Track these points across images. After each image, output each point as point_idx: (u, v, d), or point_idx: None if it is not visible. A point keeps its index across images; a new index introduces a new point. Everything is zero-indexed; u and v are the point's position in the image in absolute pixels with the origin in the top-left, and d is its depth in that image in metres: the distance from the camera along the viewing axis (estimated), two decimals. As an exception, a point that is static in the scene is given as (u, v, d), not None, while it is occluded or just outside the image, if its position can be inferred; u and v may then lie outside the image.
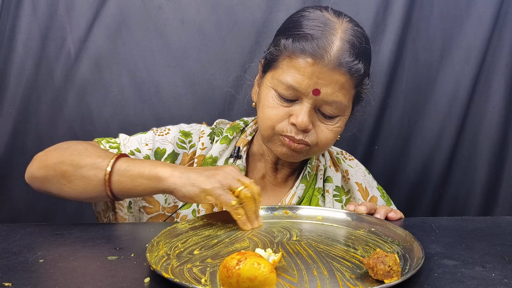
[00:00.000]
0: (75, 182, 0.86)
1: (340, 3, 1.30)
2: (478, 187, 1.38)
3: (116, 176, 0.84)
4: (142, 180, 0.83)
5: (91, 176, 0.85)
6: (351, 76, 0.91)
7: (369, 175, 1.13)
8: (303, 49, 0.89)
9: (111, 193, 0.85)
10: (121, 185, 0.84)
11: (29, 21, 1.24)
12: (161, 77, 1.32)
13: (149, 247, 0.68)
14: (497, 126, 1.34)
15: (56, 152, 0.91)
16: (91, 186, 0.86)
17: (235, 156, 1.04)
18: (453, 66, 1.33)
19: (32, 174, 0.92)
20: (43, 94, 1.27)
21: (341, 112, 0.94)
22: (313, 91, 0.89)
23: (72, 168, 0.86)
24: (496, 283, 0.60)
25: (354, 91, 0.95)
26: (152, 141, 1.02)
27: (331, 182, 1.07)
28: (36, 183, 0.92)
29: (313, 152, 0.98)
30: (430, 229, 0.83)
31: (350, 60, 0.89)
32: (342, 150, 1.17)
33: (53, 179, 0.88)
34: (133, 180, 0.83)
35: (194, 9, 1.31)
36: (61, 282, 0.61)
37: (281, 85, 0.92)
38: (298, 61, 0.90)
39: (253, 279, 0.55)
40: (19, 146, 1.28)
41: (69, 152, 0.89)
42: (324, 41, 0.88)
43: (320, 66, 0.88)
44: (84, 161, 0.86)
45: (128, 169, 0.84)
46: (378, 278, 0.60)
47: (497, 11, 1.30)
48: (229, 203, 0.79)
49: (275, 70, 0.94)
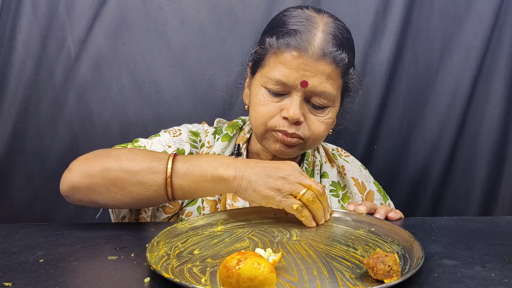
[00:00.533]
0: (130, 189, 0.83)
1: (340, 3, 1.31)
2: (478, 187, 1.37)
3: (177, 180, 0.83)
4: (206, 183, 0.82)
5: (149, 181, 0.82)
6: (336, 65, 0.93)
7: (365, 170, 1.14)
8: (288, 44, 0.92)
9: (172, 196, 0.84)
10: (183, 189, 0.83)
11: (29, 21, 1.24)
12: (161, 77, 1.32)
13: (149, 247, 0.69)
14: (497, 126, 1.34)
15: (98, 159, 0.86)
16: (150, 191, 0.83)
17: (236, 154, 1.05)
18: (453, 66, 1.33)
19: (73, 185, 0.85)
20: (43, 94, 1.27)
21: (330, 103, 0.96)
22: (301, 83, 0.91)
23: (125, 174, 0.83)
24: (496, 283, 0.60)
25: (342, 81, 0.97)
26: (173, 142, 1.02)
27: (327, 177, 1.09)
28: (78, 194, 0.86)
29: (307, 146, 0.98)
30: (430, 229, 0.83)
31: (333, 50, 0.92)
32: (337, 147, 1.18)
33: (101, 188, 0.84)
34: (197, 184, 0.82)
35: (194, 9, 1.31)
36: (61, 282, 0.61)
37: (270, 81, 0.94)
38: (284, 56, 0.92)
39: (253, 279, 0.55)
40: (19, 146, 1.28)
41: (114, 158, 0.85)
42: (307, 34, 0.92)
43: (305, 58, 0.91)
44: (137, 166, 0.83)
45: (189, 172, 0.82)
46: (378, 278, 0.60)
47: (497, 11, 1.30)
48: (291, 208, 0.80)
49: (263, 68, 0.97)
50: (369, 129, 1.36)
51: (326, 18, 0.95)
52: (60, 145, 1.30)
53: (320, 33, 0.92)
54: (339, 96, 0.99)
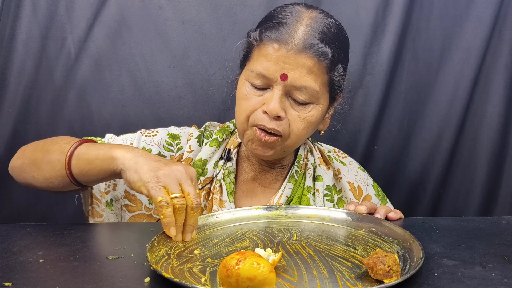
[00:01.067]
0: (43, 168, 0.88)
1: (340, 3, 1.31)
2: (478, 187, 1.37)
3: (75, 160, 0.85)
4: (98, 161, 0.82)
5: (55, 160, 0.86)
6: (318, 60, 0.90)
7: (364, 173, 1.11)
8: (269, 37, 0.91)
9: (72, 177, 0.86)
10: (79, 168, 0.84)
11: (29, 21, 1.24)
12: (161, 77, 1.32)
13: (149, 247, 0.69)
14: (497, 126, 1.34)
15: (36, 143, 0.94)
16: (55, 171, 0.87)
17: (226, 159, 1.04)
18: (453, 66, 1.33)
19: (12, 164, 0.96)
20: (43, 94, 1.27)
21: (313, 99, 0.93)
22: (281, 76, 0.90)
23: (41, 154, 0.89)
24: (496, 283, 0.60)
25: (327, 78, 0.94)
26: (138, 140, 1.02)
27: (321, 181, 1.06)
28: (15, 173, 0.96)
29: (287, 145, 0.95)
30: (430, 229, 0.83)
31: (314, 43, 0.90)
32: (334, 148, 1.15)
33: (27, 167, 0.91)
34: (90, 163, 0.83)
35: (194, 9, 1.31)
36: (61, 282, 0.61)
37: (252, 74, 0.93)
38: (265, 49, 0.92)
39: (252, 278, 0.55)
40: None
41: (43, 141, 0.92)
42: (290, 27, 0.91)
43: (285, 50, 0.90)
44: (52, 147, 0.88)
45: (87, 152, 0.84)
46: (377, 278, 0.60)
47: (497, 11, 1.30)
48: (156, 198, 0.73)
49: (248, 62, 0.96)
50: (369, 129, 1.36)
51: (314, 13, 0.94)
52: (60, 145, 1.30)
53: (303, 26, 0.91)
54: (325, 94, 0.95)
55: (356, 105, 1.34)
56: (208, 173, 1.03)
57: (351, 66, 1.32)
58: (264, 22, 0.96)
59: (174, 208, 0.74)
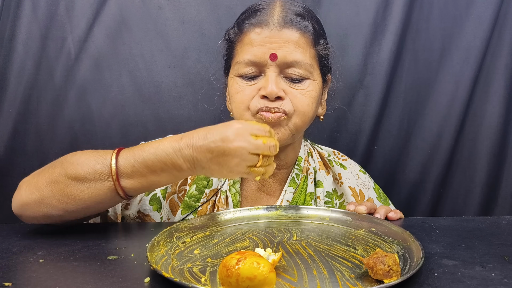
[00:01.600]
0: (80, 196, 0.78)
1: (340, 3, 1.31)
2: (478, 187, 1.37)
3: (125, 180, 0.77)
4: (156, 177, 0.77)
5: (97, 185, 0.77)
6: (302, 33, 0.92)
7: (365, 175, 1.11)
8: (249, 24, 0.93)
9: (125, 195, 0.79)
10: (135, 187, 0.78)
11: (29, 21, 1.24)
12: (161, 77, 1.32)
13: (149, 247, 0.69)
14: (497, 126, 1.34)
15: (45, 171, 0.82)
16: (101, 196, 0.78)
17: None
18: (453, 66, 1.33)
19: (23, 202, 0.81)
20: (43, 94, 1.27)
21: (307, 73, 0.93)
22: (270, 56, 0.90)
23: (71, 182, 0.78)
24: (496, 283, 0.60)
25: (314, 52, 0.95)
26: None
27: (322, 187, 1.05)
28: (30, 210, 0.81)
29: (295, 124, 0.93)
30: (430, 229, 0.83)
31: (293, 17, 0.92)
32: (334, 150, 1.15)
33: (52, 200, 0.79)
34: (147, 179, 0.77)
35: (194, 9, 1.31)
36: (61, 282, 0.61)
37: (241, 65, 0.93)
38: (248, 37, 0.93)
39: (252, 278, 0.55)
40: (19, 146, 1.28)
41: (59, 167, 0.80)
42: (265, 11, 0.93)
43: (268, 30, 0.91)
44: (81, 171, 0.78)
45: (136, 169, 0.77)
46: (377, 278, 0.60)
47: (497, 11, 1.29)
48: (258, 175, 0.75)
49: (233, 59, 0.96)
50: (369, 129, 1.35)
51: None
52: (60, 145, 1.30)
53: (278, 7, 0.93)
54: (317, 69, 0.96)
55: (356, 105, 1.34)
56: (213, 185, 1.01)
57: (351, 66, 1.33)
58: (240, 16, 0.98)
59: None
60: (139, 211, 0.99)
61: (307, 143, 1.11)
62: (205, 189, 1.01)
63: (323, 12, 1.30)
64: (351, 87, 1.33)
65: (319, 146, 1.14)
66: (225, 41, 1.01)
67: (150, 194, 1.01)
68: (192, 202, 1.00)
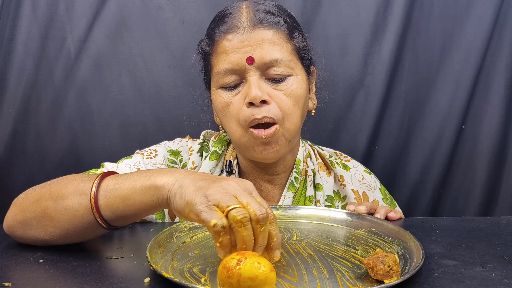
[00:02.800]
0: (58, 218, 0.71)
1: (341, 3, 1.31)
2: (478, 187, 1.37)
3: (103, 199, 0.69)
4: (135, 196, 0.68)
5: (75, 205, 0.70)
6: (275, 30, 0.90)
7: (370, 175, 1.08)
8: (219, 32, 0.91)
9: (103, 220, 0.70)
10: (112, 208, 0.69)
11: (29, 21, 1.24)
12: (161, 77, 1.32)
13: (149, 247, 0.68)
14: (497, 126, 1.34)
15: (34, 190, 0.77)
16: (77, 218, 0.70)
17: (227, 172, 1.00)
18: (453, 66, 1.33)
19: (9, 223, 0.76)
20: (43, 94, 1.27)
21: (289, 69, 0.90)
22: (247, 60, 0.87)
23: (52, 202, 0.71)
24: (496, 283, 0.60)
25: (291, 46, 0.92)
26: (143, 164, 0.95)
27: (322, 190, 1.02)
28: (17, 231, 0.75)
29: (288, 130, 0.90)
30: (430, 229, 0.83)
31: (262, 16, 0.89)
32: (336, 151, 1.13)
33: (34, 222, 0.73)
34: (125, 199, 0.68)
35: (194, 9, 1.30)
36: (61, 282, 0.61)
37: (220, 76, 0.90)
38: (221, 45, 0.91)
39: (254, 278, 0.55)
40: (19, 146, 1.28)
41: (48, 187, 0.74)
42: (233, 15, 0.91)
43: (239, 34, 0.89)
44: (65, 190, 0.71)
45: (117, 187, 0.69)
46: (377, 278, 0.60)
47: (497, 11, 1.30)
48: (208, 222, 0.59)
49: (212, 72, 0.94)
50: (370, 129, 1.35)
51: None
52: (60, 145, 1.30)
53: (244, 9, 0.91)
54: (297, 64, 0.93)
55: (356, 105, 1.34)
56: None
57: (352, 66, 1.32)
58: (210, 26, 0.96)
59: (236, 225, 0.59)
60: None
61: (306, 143, 1.09)
62: None
63: (323, 12, 1.30)
64: (351, 87, 1.33)
65: (319, 147, 1.12)
66: (199, 55, 0.98)
67: None
68: None
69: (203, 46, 0.95)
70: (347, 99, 1.33)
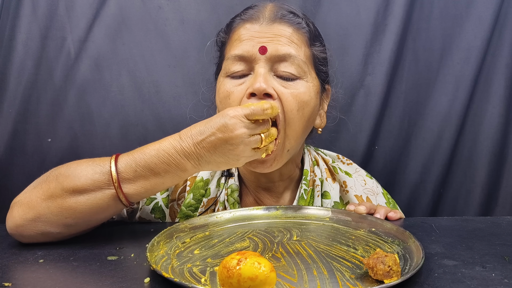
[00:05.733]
0: (81, 210, 0.74)
1: (341, 3, 1.31)
2: (478, 187, 1.37)
3: (128, 186, 0.74)
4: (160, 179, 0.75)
5: (97, 196, 0.74)
6: (295, 29, 0.87)
7: (371, 180, 1.07)
8: (240, 19, 0.90)
9: (128, 202, 0.76)
10: (139, 193, 0.75)
11: (29, 21, 1.24)
12: (161, 77, 1.32)
13: (149, 247, 0.69)
14: (497, 126, 1.34)
15: (38, 187, 0.77)
16: (103, 206, 0.75)
17: (226, 175, 0.98)
18: (453, 66, 1.33)
19: (17, 223, 0.76)
20: (43, 94, 1.27)
21: (300, 71, 0.86)
22: (259, 49, 0.84)
23: (69, 195, 0.74)
24: (496, 283, 0.60)
25: (309, 52, 0.90)
26: None
27: (329, 198, 1.00)
28: (26, 230, 0.76)
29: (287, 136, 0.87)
30: (430, 229, 0.83)
31: (286, 13, 0.88)
32: (338, 154, 1.12)
33: (50, 216, 0.75)
34: (152, 184, 0.75)
35: (194, 9, 1.30)
36: (61, 282, 0.61)
37: (229, 62, 0.88)
38: (237, 32, 0.89)
39: (254, 278, 0.55)
40: (19, 146, 1.28)
41: (54, 181, 0.76)
42: (257, 7, 0.90)
43: (258, 25, 0.87)
44: (79, 182, 0.74)
45: (138, 173, 0.74)
46: (378, 278, 0.60)
47: (497, 11, 1.30)
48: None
49: (224, 60, 0.92)
50: (370, 129, 1.35)
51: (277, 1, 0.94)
52: (60, 145, 1.29)
53: (270, 5, 0.91)
54: (312, 72, 0.89)
55: (356, 105, 1.34)
56: (211, 194, 0.97)
57: (352, 66, 1.32)
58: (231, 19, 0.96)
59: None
60: (140, 217, 0.98)
61: (311, 149, 1.07)
62: (203, 198, 0.97)
63: (323, 12, 1.30)
64: (351, 87, 1.33)
65: (323, 152, 1.10)
66: (216, 47, 0.97)
67: (152, 203, 0.97)
68: (189, 212, 0.97)
69: (220, 35, 0.94)
70: (347, 99, 1.33)
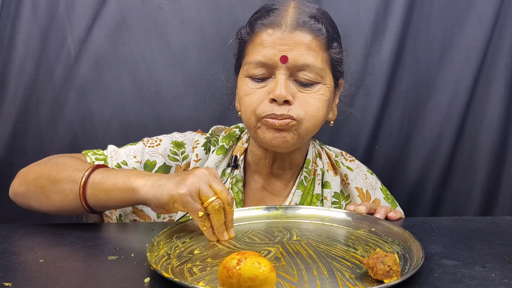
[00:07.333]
0: (52, 197, 0.85)
1: (341, 3, 1.31)
2: (478, 187, 1.37)
3: (90, 189, 0.82)
4: (116, 192, 0.80)
5: (66, 190, 0.83)
6: (315, 36, 0.91)
7: (372, 176, 1.09)
8: (262, 24, 0.92)
9: (88, 206, 0.83)
10: (96, 198, 0.82)
11: (29, 21, 1.24)
12: (161, 77, 1.32)
13: (149, 247, 0.69)
14: (497, 126, 1.34)
15: (38, 166, 0.89)
16: (67, 200, 0.84)
17: (233, 166, 1.01)
18: (453, 66, 1.33)
19: (14, 191, 0.91)
20: (43, 94, 1.27)
21: (318, 77, 0.91)
22: (281, 59, 0.89)
23: (49, 183, 0.85)
24: (496, 283, 0.60)
25: (326, 55, 0.93)
26: (141, 153, 0.99)
27: (329, 187, 1.04)
28: (18, 199, 0.91)
29: (304, 128, 0.91)
30: (430, 229, 0.83)
31: (307, 20, 0.91)
32: (341, 151, 1.14)
33: (33, 195, 0.87)
34: (108, 193, 0.81)
35: (194, 9, 1.31)
36: (61, 282, 0.61)
37: (251, 66, 0.92)
38: (260, 37, 0.92)
39: (254, 278, 0.55)
40: (19, 146, 1.28)
41: (48, 167, 0.87)
42: (278, 11, 0.92)
43: (280, 32, 0.90)
44: (61, 175, 0.84)
45: (103, 181, 0.81)
46: (377, 278, 0.60)
47: (497, 11, 1.30)
48: (196, 213, 0.73)
49: (244, 59, 0.95)
50: (370, 129, 1.36)
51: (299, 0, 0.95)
52: (60, 145, 1.30)
53: (291, 8, 0.92)
54: (329, 74, 0.94)
55: (357, 105, 1.34)
56: None
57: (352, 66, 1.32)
58: (253, 15, 0.97)
59: (210, 212, 0.74)
60: (133, 207, 0.99)
61: (316, 143, 1.10)
62: None
63: (323, 12, 1.30)
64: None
65: (327, 147, 1.13)
66: (236, 40, 1.00)
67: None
68: None
69: (243, 33, 0.97)
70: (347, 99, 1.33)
